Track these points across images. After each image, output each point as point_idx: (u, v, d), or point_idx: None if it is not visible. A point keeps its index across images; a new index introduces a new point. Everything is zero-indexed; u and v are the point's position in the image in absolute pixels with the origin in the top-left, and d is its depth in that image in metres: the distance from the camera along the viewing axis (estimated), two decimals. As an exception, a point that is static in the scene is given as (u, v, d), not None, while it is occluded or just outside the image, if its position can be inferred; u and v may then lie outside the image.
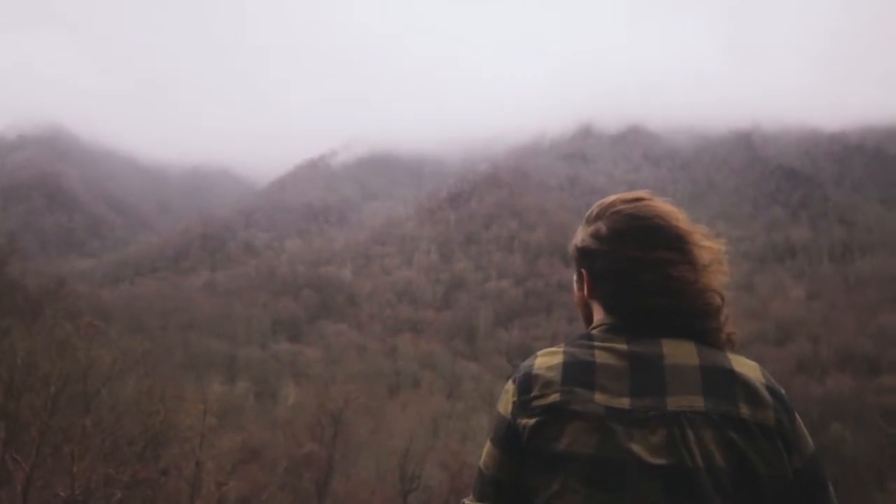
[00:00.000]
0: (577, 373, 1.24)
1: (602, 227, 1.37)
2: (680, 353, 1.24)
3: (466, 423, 42.22)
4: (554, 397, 1.22)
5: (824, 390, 49.64)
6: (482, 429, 39.31)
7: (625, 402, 1.19)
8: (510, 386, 1.31)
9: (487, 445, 1.32)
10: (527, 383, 1.27)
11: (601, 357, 1.25)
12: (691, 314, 1.28)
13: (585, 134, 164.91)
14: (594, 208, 1.44)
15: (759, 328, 62.93)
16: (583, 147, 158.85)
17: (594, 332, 1.34)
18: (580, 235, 1.43)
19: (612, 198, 1.42)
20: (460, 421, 42.97)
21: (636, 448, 1.15)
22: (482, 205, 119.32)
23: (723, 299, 1.32)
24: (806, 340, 61.90)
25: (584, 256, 1.41)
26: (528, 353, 1.33)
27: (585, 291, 1.42)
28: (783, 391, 1.25)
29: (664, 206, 1.37)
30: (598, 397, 1.20)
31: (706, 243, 1.34)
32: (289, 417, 38.97)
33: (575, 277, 1.49)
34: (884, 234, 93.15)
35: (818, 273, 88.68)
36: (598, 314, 1.38)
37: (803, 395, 45.42)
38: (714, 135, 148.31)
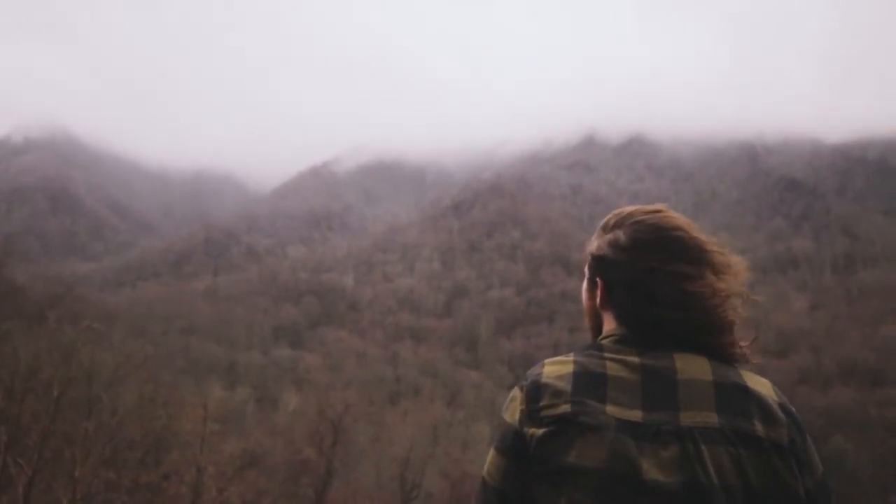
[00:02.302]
0: (589, 384, 1.19)
1: (621, 235, 1.33)
2: (693, 368, 1.21)
3: (467, 432, 42.13)
4: (564, 408, 1.17)
5: (826, 402, 49.41)
6: (483, 437, 39.23)
7: (637, 415, 1.15)
8: (517, 394, 1.26)
9: (491, 454, 1.26)
10: (536, 392, 1.22)
11: (612, 369, 1.21)
12: (705, 328, 1.25)
13: (588, 144, 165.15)
14: (611, 217, 1.39)
15: (760, 339, 62.62)
16: (586, 157, 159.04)
17: (604, 342, 1.29)
18: (596, 243, 1.38)
19: (630, 208, 1.38)
20: (461, 429, 42.84)
21: (647, 463, 1.11)
22: (485, 213, 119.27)
23: (737, 314, 1.29)
24: (808, 352, 61.66)
25: (600, 265, 1.36)
26: (530, 361, 1.32)
27: (598, 300, 1.37)
28: (795, 410, 1.23)
29: (683, 218, 1.34)
30: (610, 409, 1.15)
31: (723, 257, 1.31)
32: (289, 424, 38.92)
33: (586, 286, 1.43)
34: (886, 246, 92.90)
35: (820, 284, 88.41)
36: (609, 324, 1.34)
37: (805, 406, 45.21)
38: (717, 145, 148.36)
